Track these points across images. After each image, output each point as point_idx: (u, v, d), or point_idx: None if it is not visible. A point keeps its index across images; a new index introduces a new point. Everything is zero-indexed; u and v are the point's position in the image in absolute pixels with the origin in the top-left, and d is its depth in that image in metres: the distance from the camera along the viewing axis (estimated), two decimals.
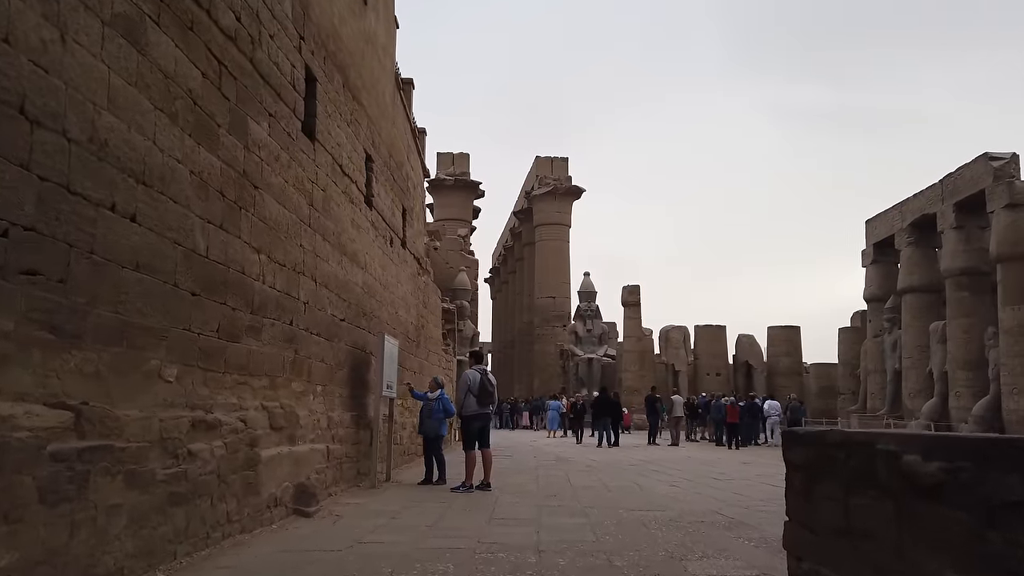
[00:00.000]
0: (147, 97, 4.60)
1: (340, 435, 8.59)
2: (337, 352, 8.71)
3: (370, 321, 10.18)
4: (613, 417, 20.83)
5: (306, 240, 7.60)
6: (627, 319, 35.76)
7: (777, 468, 11.68)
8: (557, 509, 7.51)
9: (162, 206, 4.76)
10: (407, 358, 12.85)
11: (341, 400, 8.86)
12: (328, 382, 8.36)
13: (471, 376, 9.31)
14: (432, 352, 15.68)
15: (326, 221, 8.28)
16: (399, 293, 12.33)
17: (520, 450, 17.90)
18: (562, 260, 50.21)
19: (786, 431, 3.91)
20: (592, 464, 13.68)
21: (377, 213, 10.83)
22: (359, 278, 9.68)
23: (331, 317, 8.44)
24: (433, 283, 16.49)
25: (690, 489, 9.53)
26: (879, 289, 33.27)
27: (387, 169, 11.65)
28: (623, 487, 9.67)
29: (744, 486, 9.94)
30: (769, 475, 11.74)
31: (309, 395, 7.69)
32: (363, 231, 9.97)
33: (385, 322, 11.14)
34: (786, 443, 3.96)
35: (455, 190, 49.64)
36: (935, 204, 28.31)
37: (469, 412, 9.22)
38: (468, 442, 9.23)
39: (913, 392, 29.53)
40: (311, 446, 7.46)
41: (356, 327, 9.54)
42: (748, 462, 14.85)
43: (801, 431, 3.81)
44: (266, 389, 6.51)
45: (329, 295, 8.37)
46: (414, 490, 9.19)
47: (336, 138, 8.76)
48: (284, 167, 7.00)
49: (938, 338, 28.28)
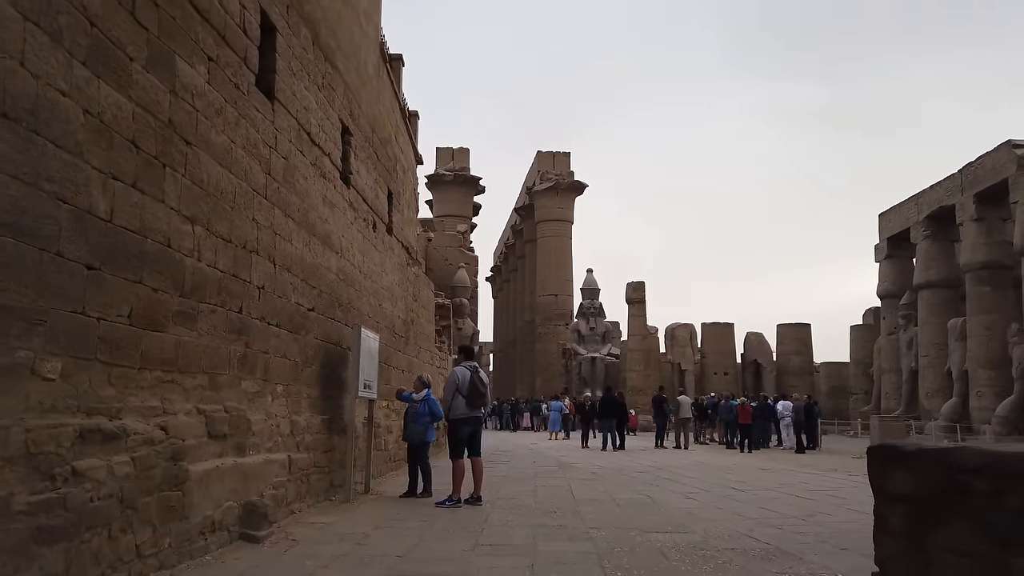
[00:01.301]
0: (9, 2, 3.47)
1: (307, 442, 7.45)
2: (304, 347, 7.57)
3: (347, 312, 9.05)
4: (619, 419, 19.67)
5: (262, 214, 6.46)
6: (631, 316, 34.60)
7: (798, 476, 10.43)
8: (557, 531, 6.36)
9: (35, 149, 3.63)
10: (393, 355, 11.71)
11: (310, 402, 7.73)
12: (292, 381, 7.23)
13: (459, 374, 8.17)
14: (424, 349, 14.54)
15: (289, 195, 7.15)
16: (383, 283, 11.20)
17: (519, 455, 16.75)
18: (564, 257, 49.05)
19: (881, 446, 2.77)
20: (597, 471, 12.53)
21: (356, 192, 9.69)
22: (333, 263, 8.55)
23: (296, 306, 7.30)
24: (425, 275, 15.35)
25: (710, 502, 8.38)
26: (893, 285, 32.07)
27: (369, 145, 10.51)
28: (633, 500, 8.52)
29: (770, 499, 8.78)
30: (792, 484, 10.59)
31: (266, 396, 6.56)
32: (338, 211, 8.83)
33: (366, 314, 10.01)
34: (880, 462, 2.79)
35: (455, 186, 48.51)
36: (954, 195, 27.09)
37: (457, 415, 8.07)
38: (455, 450, 8.08)
39: (931, 392, 28.32)
40: (266, 456, 6.32)
41: (329, 319, 8.40)
42: (766, 468, 13.69)
43: (908, 446, 2.65)
44: (204, 389, 5.38)
45: (293, 280, 7.23)
46: (394, 504, 8.05)
47: (303, 101, 7.62)
48: (230, 125, 5.86)
49: (957, 335, 27.09)
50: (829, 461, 16.77)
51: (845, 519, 7.14)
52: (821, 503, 8.37)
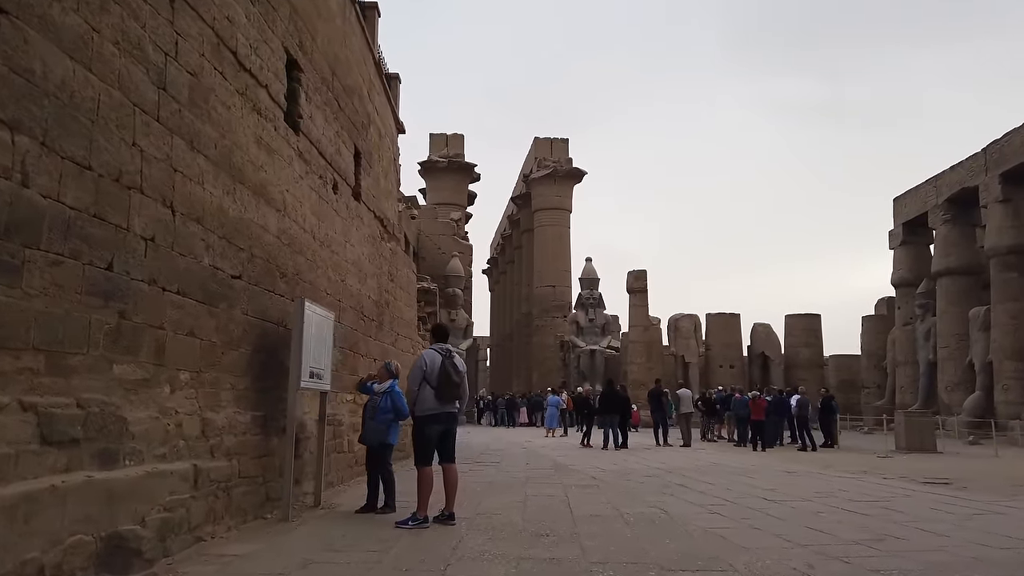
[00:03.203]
0: None
1: (229, 446, 5.80)
2: (227, 324, 5.92)
3: (294, 285, 7.38)
4: (621, 414, 18.02)
5: (150, 140, 4.79)
6: (632, 307, 32.91)
7: (829, 480, 8.42)
8: (548, 567, 4.72)
9: None
10: (361, 341, 10.05)
11: (236, 395, 6.07)
12: (207, 367, 5.57)
13: (427, 358, 6.50)
14: (402, 336, 12.87)
15: (199, 123, 5.47)
16: (348, 256, 9.53)
17: (510, 455, 15.11)
18: (562, 247, 47.35)
19: None
20: (598, 475, 10.89)
21: (308, 142, 8.01)
22: (272, 222, 6.88)
23: (211, 270, 5.64)
24: (405, 254, 13.68)
25: (741, 519, 6.73)
26: (909, 272, 30.42)
27: (328, 90, 8.83)
28: (645, 516, 6.87)
29: (813, 513, 7.14)
30: (831, 492, 8.95)
31: (160, 386, 4.90)
32: (281, 159, 7.15)
33: (322, 290, 8.35)
34: None
35: (448, 172, 46.78)
36: (977, 175, 25.40)
37: (425, 411, 6.41)
38: (422, 454, 6.42)
39: (951, 385, 26.70)
40: (154, 467, 4.66)
41: (267, 291, 6.74)
42: (792, 471, 12.04)
43: None
44: (36, 375, 3.73)
45: (208, 237, 5.57)
46: (344, 523, 6.40)
47: (224, 8, 5.93)
48: (90, 5, 4.19)
49: (980, 325, 25.47)
50: (853, 461, 15.17)
51: (925, 545, 5.51)
52: (880, 520, 6.72)
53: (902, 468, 13.47)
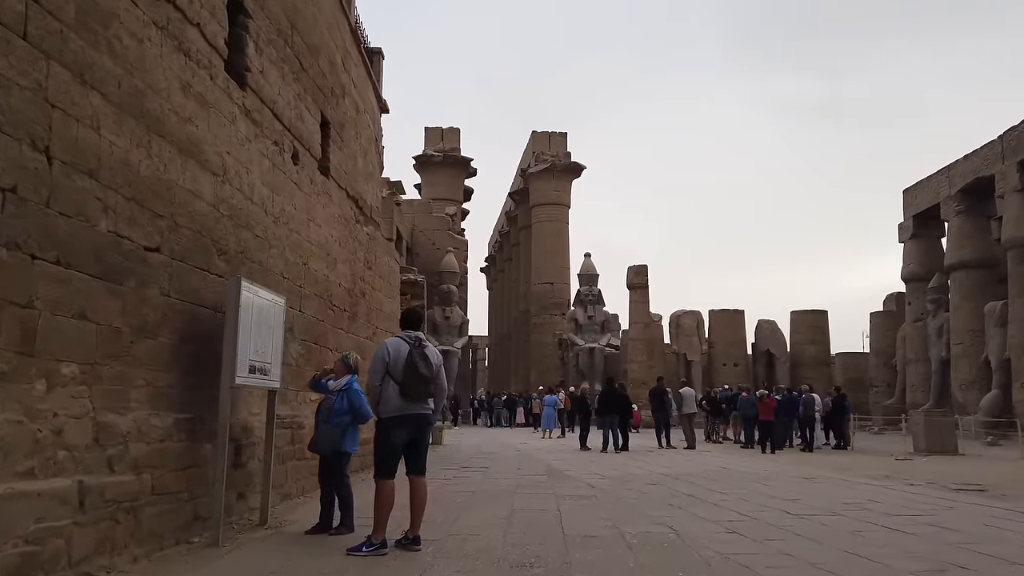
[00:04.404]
0: None
1: (139, 456, 4.70)
2: (139, 306, 4.81)
3: (236, 265, 6.27)
4: (622, 414, 16.91)
5: (8, 60, 3.70)
6: (633, 303, 31.81)
7: (854, 487, 6.31)
8: None
9: None
10: (329, 333, 8.95)
11: (152, 393, 4.97)
12: (107, 359, 4.47)
13: (391, 348, 5.37)
14: (381, 330, 11.75)
15: (95, 53, 4.37)
16: (312, 236, 8.42)
17: (502, 458, 14.00)
18: (561, 243, 46.19)
19: None
20: (596, 483, 9.79)
21: (260, 101, 6.91)
22: (206, 187, 5.77)
23: (112, 237, 4.54)
24: (385, 239, 12.56)
25: (764, 540, 5.64)
26: (920, 267, 29.26)
27: (287, 46, 7.73)
28: (651, 538, 5.76)
29: (850, 533, 6.05)
30: (860, 503, 7.86)
31: (30, 382, 3.81)
32: (219, 115, 6.05)
33: (277, 273, 7.24)
34: None
35: (444, 167, 45.65)
36: (992, 164, 24.25)
37: (387, 413, 5.32)
38: (382, 465, 5.32)
39: (965, 383, 25.57)
40: (8, 487, 3.56)
41: (197, 269, 5.64)
42: (809, 477, 10.95)
43: None
44: None
45: (105, 195, 4.47)
46: (288, 548, 5.30)
47: None
48: None
49: (996, 320, 24.32)
50: (870, 464, 14.11)
51: None
52: (932, 542, 5.63)
53: (926, 472, 12.39)
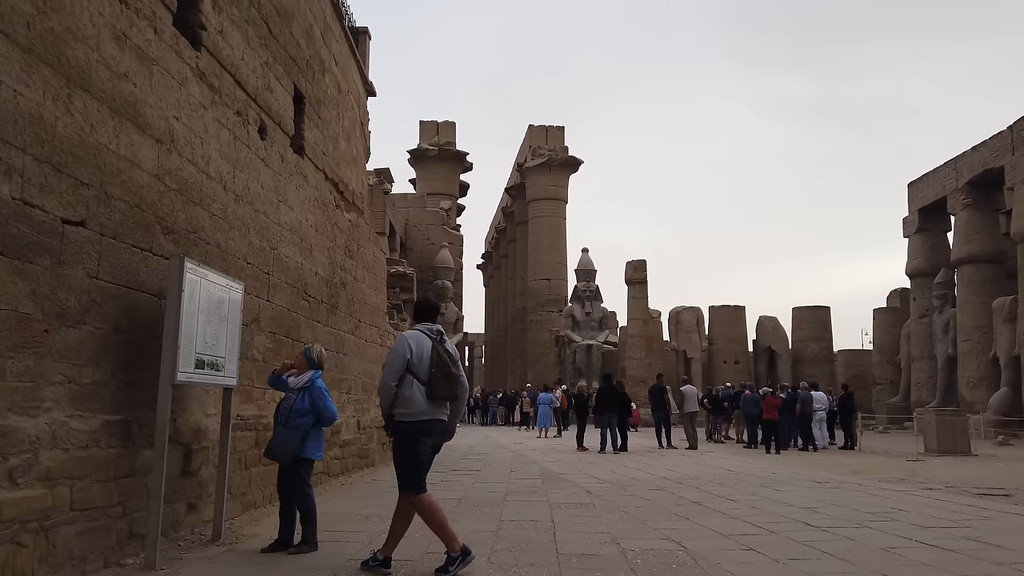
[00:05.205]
0: None
1: (52, 466, 4.00)
2: (56, 289, 4.10)
3: (188, 246, 5.55)
4: (620, 413, 16.19)
5: None
6: (631, 299, 31.07)
7: (873, 493, 5.47)
8: None
9: None
10: (304, 326, 8.22)
11: (74, 392, 4.25)
12: (13, 350, 3.76)
13: (412, 342, 4.62)
14: (365, 324, 11.02)
15: None
16: (283, 219, 7.68)
17: (495, 460, 13.28)
18: (558, 238, 45.42)
19: None
20: (595, 488, 9.09)
21: (219, 64, 6.18)
22: (148, 155, 5.04)
23: (17, 205, 3.82)
24: (369, 227, 11.81)
25: (788, 560, 4.94)
26: (925, 262, 28.56)
27: (252, 7, 6.99)
28: (657, 557, 5.05)
29: (879, 549, 5.35)
30: (884, 512, 7.17)
31: None
32: (166, 75, 5.32)
33: (239, 257, 6.51)
34: None
35: (439, 161, 44.86)
36: (1002, 155, 23.55)
37: (413, 416, 4.53)
38: (410, 477, 4.53)
39: (972, 381, 24.90)
40: None
41: (137, 249, 4.91)
42: (821, 481, 10.24)
43: None
44: None
45: (9, 153, 3.75)
46: (237, 571, 4.58)
47: None
48: None
49: (1005, 316, 23.61)
50: (881, 465, 13.43)
51: None
52: (976, 559, 4.94)
53: (943, 474, 11.71)
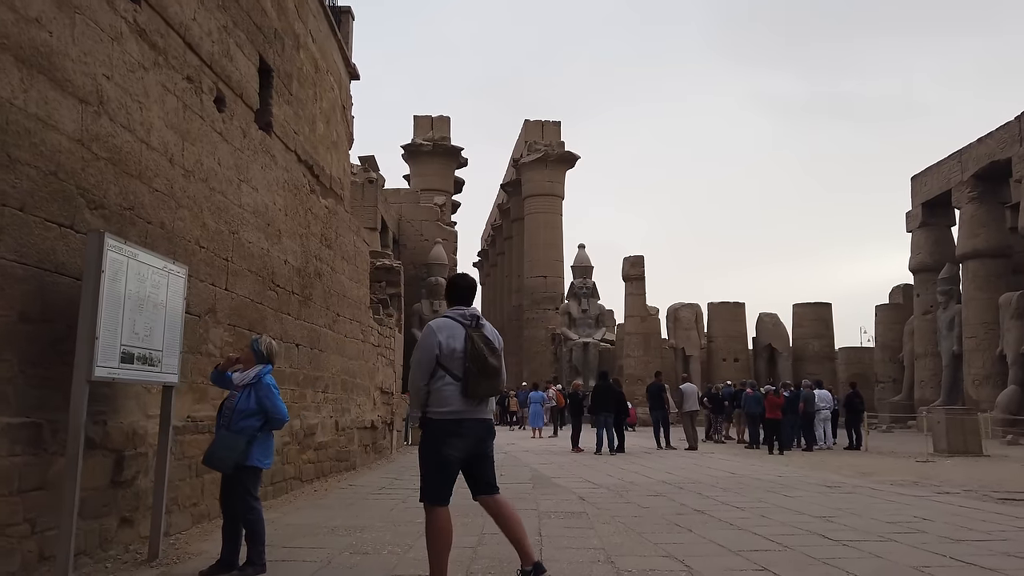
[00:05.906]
0: None
1: None
2: None
3: (123, 224, 4.88)
4: (617, 412, 15.53)
5: None
6: (629, 295, 30.44)
7: (890, 499, 5.07)
8: None
9: None
10: (271, 319, 7.54)
11: None
12: None
13: (443, 329, 3.98)
14: (345, 319, 10.33)
15: None
16: (245, 201, 7.00)
17: None
18: (554, 235, 44.81)
19: None
20: (589, 494, 8.43)
21: (164, 22, 5.51)
22: (68, 117, 4.37)
23: None
24: (350, 215, 11.12)
25: None
26: (929, 257, 27.91)
27: None
28: None
29: (910, 568, 4.74)
30: (907, 522, 6.53)
31: None
32: (93, 27, 4.65)
33: (191, 240, 5.84)
34: None
35: (434, 157, 44.18)
36: (1009, 147, 22.90)
37: (442, 414, 3.90)
38: (434, 485, 3.89)
39: (978, 379, 24.28)
40: None
41: (51, 224, 4.24)
42: (832, 485, 9.59)
43: None
44: None
45: None
46: None
47: None
48: None
49: (1012, 312, 22.96)
50: (890, 467, 12.81)
51: None
52: None
53: (956, 477, 11.09)
